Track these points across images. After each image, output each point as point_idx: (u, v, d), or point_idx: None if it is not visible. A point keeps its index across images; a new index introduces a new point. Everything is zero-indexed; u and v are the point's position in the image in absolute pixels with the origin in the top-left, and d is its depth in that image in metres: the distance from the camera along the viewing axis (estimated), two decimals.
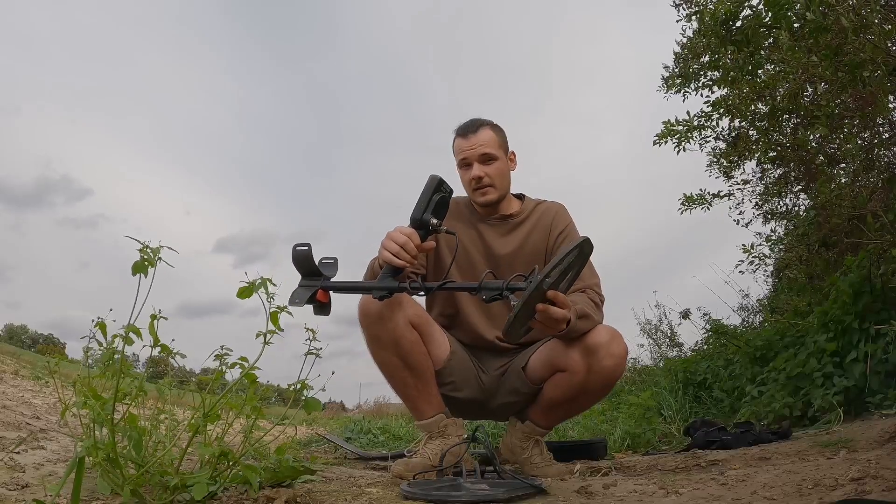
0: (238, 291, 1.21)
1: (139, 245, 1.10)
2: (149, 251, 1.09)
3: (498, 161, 1.92)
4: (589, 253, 1.52)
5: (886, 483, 1.04)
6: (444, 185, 1.62)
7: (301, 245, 1.57)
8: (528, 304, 1.40)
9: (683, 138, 4.20)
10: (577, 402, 1.84)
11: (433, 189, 1.60)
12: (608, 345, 1.70)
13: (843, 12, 2.44)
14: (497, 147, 1.93)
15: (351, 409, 12.37)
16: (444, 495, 1.27)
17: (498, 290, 1.45)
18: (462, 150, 1.92)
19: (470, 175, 1.90)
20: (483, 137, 1.91)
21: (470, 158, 1.90)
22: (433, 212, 1.60)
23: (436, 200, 1.60)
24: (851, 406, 2.46)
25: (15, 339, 41.63)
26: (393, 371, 1.79)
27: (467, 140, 1.91)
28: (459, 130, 1.96)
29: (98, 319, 1.17)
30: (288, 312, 1.24)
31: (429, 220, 1.59)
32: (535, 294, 1.39)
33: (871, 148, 3.33)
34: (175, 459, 1.21)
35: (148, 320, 1.12)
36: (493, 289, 1.46)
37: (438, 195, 1.61)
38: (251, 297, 1.20)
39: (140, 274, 1.09)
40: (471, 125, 1.94)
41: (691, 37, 3.98)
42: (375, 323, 1.73)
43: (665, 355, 5.83)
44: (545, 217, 1.97)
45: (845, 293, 2.68)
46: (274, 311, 1.21)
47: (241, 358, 1.23)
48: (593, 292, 1.83)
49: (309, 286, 1.56)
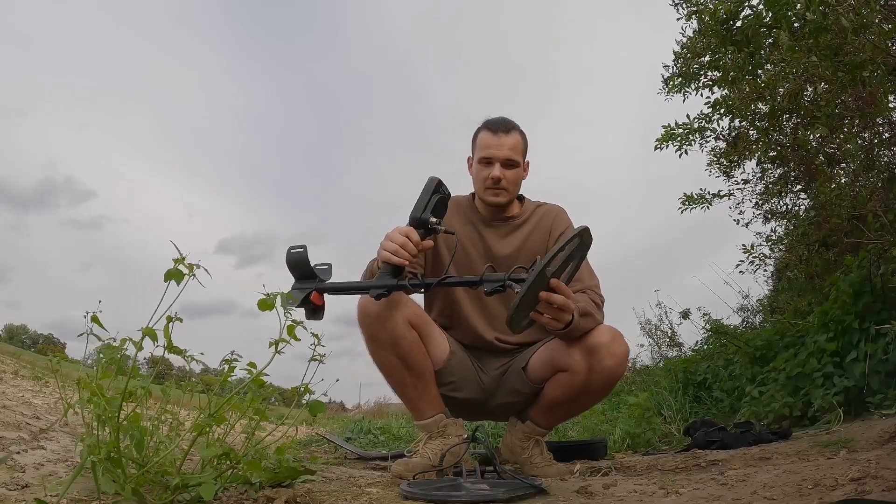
0: (259, 303, 1.23)
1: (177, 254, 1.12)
2: (184, 263, 1.12)
3: (518, 168, 1.92)
4: (589, 243, 1.52)
5: (886, 483, 1.04)
6: (443, 186, 1.63)
7: (296, 247, 1.57)
8: (531, 291, 1.39)
9: (685, 141, 4.20)
10: (578, 402, 1.84)
11: (433, 190, 1.61)
12: (609, 345, 1.70)
13: (843, 12, 2.44)
14: (520, 154, 1.92)
15: (351, 409, 12.37)
16: (444, 495, 1.27)
17: (500, 283, 1.45)
18: (488, 147, 1.89)
19: (489, 173, 1.88)
20: (512, 141, 1.89)
21: (494, 158, 1.88)
22: (432, 212, 1.61)
23: (435, 201, 1.61)
24: (851, 406, 2.46)
25: (15, 340, 41.63)
26: (392, 371, 1.79)
27: (497, 138, 1.89)
28: (490, 125, 1.92)
29: (89, 314, 1.18)
30: (304, 327, 1.25)
31: (428, 219, 1.60)
32: (538, 281, 1.39)
33: (871, 148, 3.33)
34: (177, 459, 1.21)
35: (156, 323, 1.13)
36: (494, 281, 1.46)
37: (437, 196, 1.62)
38: (249, 296, 1.22)
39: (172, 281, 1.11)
40: (503, 124, 1.91)
41: (691, 36, 3.98)
42: (374, 323, 1.73)
43: (665, 355, 5.83)
44: (545, 219, 1.97)
45: (845, 293, 2.68)
46: (290, 325, 1.22)
47: (250, 364, 1.24)
48: (593, 293, 1.84)
49: (303, 289, 1.55)
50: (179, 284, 1.11)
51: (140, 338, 1.11)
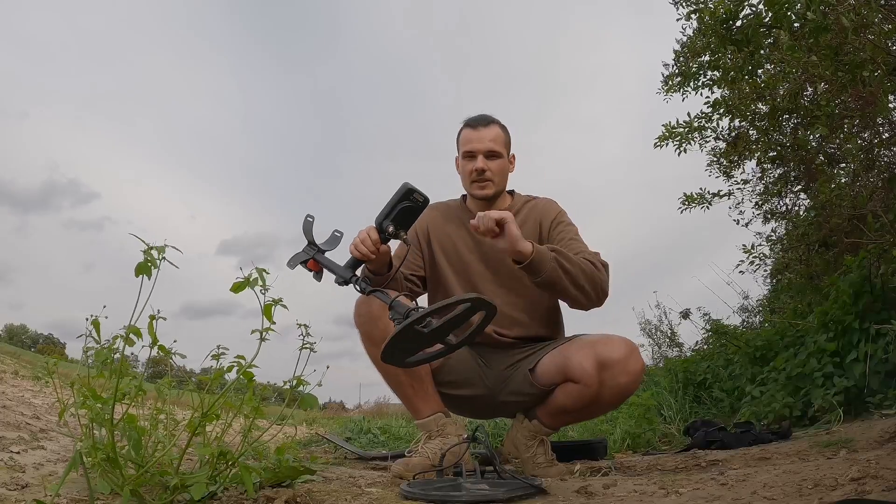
0: (233, 286, 1.21)
1: (144, 245, 1.10)
2: (152, 252, 1.09)
3: (501, 159, 1.94)
4: (490, 316, 1.47)
5: (886, 483, 1.04)
6: (415, 194, 1.64)
7: (310, 216, 1.72)
8: (402, 337, 1.35)
9: (684, 140, 4.20)
10: (587, 412, 1.84)
11: (400, 197, 1.64)
12: (625, 361, 1.69)
13: (844, 12, 2.44)
14: (502, 145, 1.95)
15: (351, 409, 12.38)
16: (444, 495, 1.27)
17: (401, 316, 1.39)
18: (469, 142, 1.94)
19: (472, 166, 1.91)
20: (491, 133, 1.93)
21: (476, 151, 1.92)
22: (396, 219, 1.64)
23: (400, 208, 1.64)
24: (851, 406, 2.45)
25: (15, 340, 41.64)
26: (388, 370, 1.80)
27: (477, 132, 1.93)
28: (469, 122, 1.97)
29: (92, 317, 1.17)
30: (283, 306, 1.23)
31: (387, 228, 1.64)
32: (413, 332, 1.35)
33: (871, 148, 3.33)
34: (175, 459, 1.21)
35: (148, 321, 1.11)
36: (399, 312, 1.41)
37: (404, 204, 1.64)
38: (251, 297, 1.20)
39: (143, 275, 1.08)
40: (481, 119, 1.96)
41: (691, 35, 3.98)
42: (368, 322, 1.75)
43: (665, 355, 5.83)
44: (534, 211, 1.97)
45: (845, 293, 2.67)
46: (268, 304, 1.21)
47: (238, 356, 1.22)
48: (595, 255, 1.78)
49: (306, 253, 1.70)
50: (150, 278, 1.09)
51: (125, 335, 1.10)
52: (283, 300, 1.23)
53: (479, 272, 1.94)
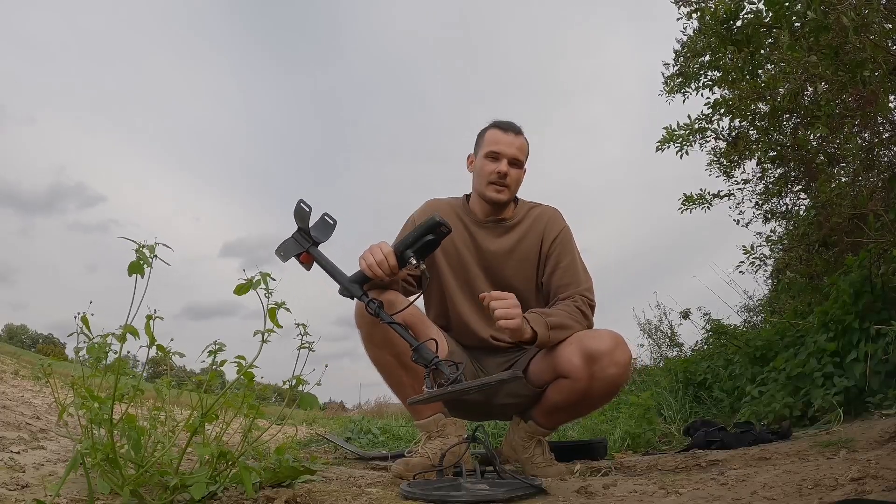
0: (235, 288, 1.21)
1: (135, 245, 1.09)
2: (144, 251, 1.09)
3: (520, 170, 1.98)
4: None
5: (886, 483, 1.04)
6: (443, 227, 1.60)
7: (306, 204, 1.67)
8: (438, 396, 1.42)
9: (686, 142, 4.20)
10: (579, 407, 1.84)
11: (427, 230, 1.61)
12: (612, 353, 1.69)
13: (844, 11, 2.43)
14: (524, 157, 1.99)
15: (351, 409, 12.37)
16: (444, 495, 1.27)
17: (427, 363, 1.47)
18: (497, 143, 1.94)
19: (496, 168, 1.92)
20: (520, 142, 1.97)
21: (502, 154, 1.93)
22: (418, 250, 1.62)
23: (424, 241, 1.62)
24: (851, 406, 2.45)
25: (15, 340, 41.64)
26: (388, 370, 1.81)
27: (507, 136, 1.95)
28: (500, 124, 1.98)
29: (80, 314, 1.17)
30: (286, 309, 1.23)
31: (408, 258, 1.62)
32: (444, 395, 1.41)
33: (871, 147, 3.33)
34: (174, 459, 1.21)
35: (146, 320, 1.11)
36: (426, 358, 1.47)
37: (430, 237, 1.62)
38: (254, 298, 1.20)
39: (137, 274, 1.08)
40: (512, 126, 1.98)
41: (691, 35, 3.98)
42: (369, 323, 1.75)
43: (665, 355, 5.82)
44: (538, 222, 1.98)
45: (845, 293, 2.67)
46: (272, 307, 1.21)
47: (238, 356, 1.22)
48: (583, 298, 1.84)
49: (300, 244, 1.67)
50: (143, 277, 1.09)
51: (122, 334, 1.10)
52: (286, 304, 1.23)
53: (477, 274, 1.94)
